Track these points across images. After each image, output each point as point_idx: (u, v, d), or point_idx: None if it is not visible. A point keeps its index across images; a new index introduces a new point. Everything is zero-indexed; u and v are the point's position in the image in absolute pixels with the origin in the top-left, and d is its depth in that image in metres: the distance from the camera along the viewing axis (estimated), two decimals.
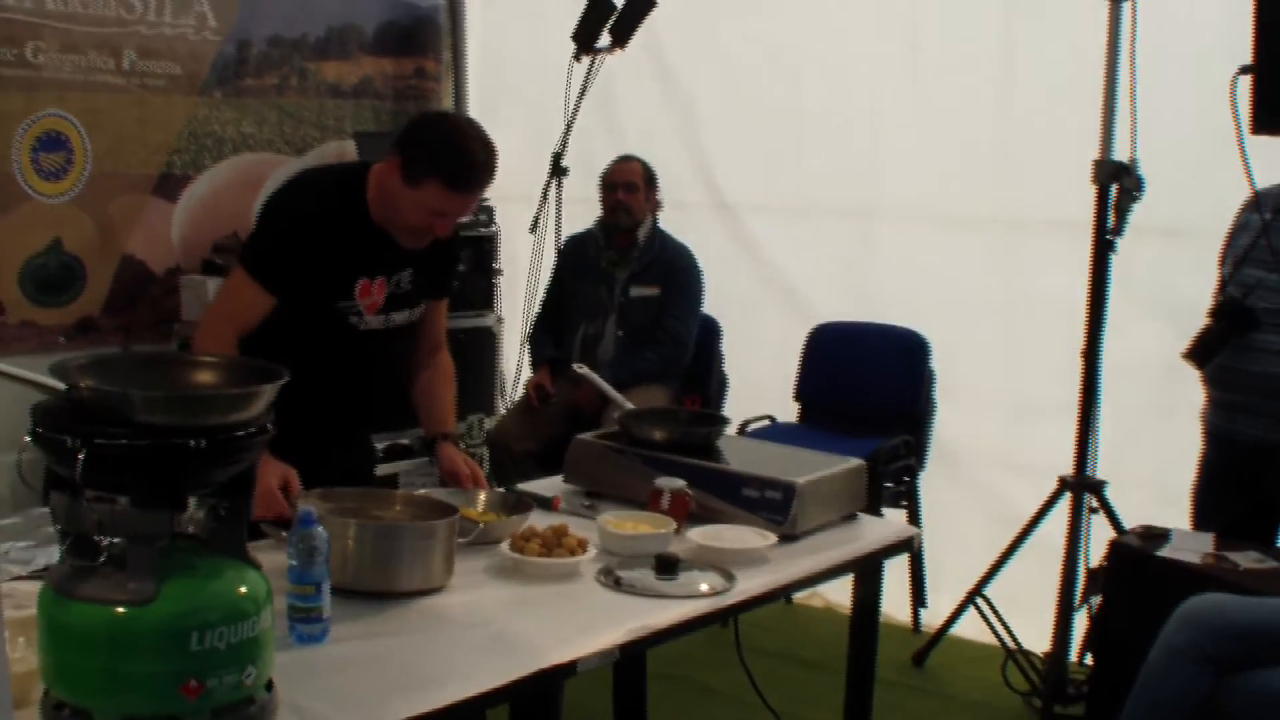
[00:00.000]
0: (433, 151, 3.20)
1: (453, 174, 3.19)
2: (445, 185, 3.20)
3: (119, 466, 1.92)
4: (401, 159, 3.22)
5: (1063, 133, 4.98)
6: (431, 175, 3.18)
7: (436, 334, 3.71)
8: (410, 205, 3.24)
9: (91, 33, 5.49)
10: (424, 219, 3.26)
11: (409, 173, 3.20)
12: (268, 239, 3.35)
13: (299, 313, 3.33)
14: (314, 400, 3.14)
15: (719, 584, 2.90)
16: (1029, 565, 4.84)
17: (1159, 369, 4.89)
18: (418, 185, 3.20)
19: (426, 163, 3.19)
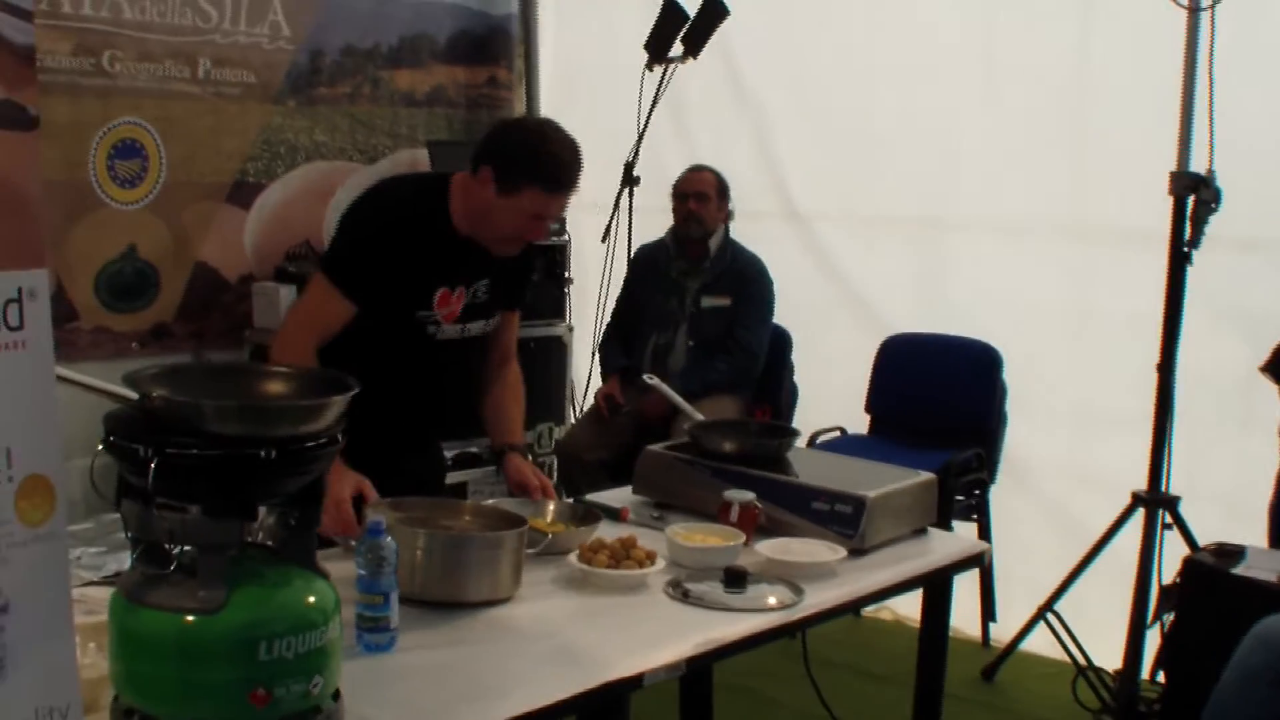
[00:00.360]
0: (525, 158, 3.24)
1: (549, 177, 3.24)
2: (543, 189, 3.24)
3: (190, 476, 1.93)
4: (494, 168, 3.24)
5: (1137, 144, 4.93)
6: (529, 181, 3.22)
7: (508, 345, 3.72)
8: (509, 213, 3.27)
9: (167, 42, 5.53)
10: (522, 225, 3.30)
11: (504, 181, 3.23)
12: (350, 247, 3.37)
13: (377, 321, 3.34)
14: (388, 408, 3.20)
15: (787, 597, 2.88)
16: (1100, 580, 4.81)
17: (1234, 382, 4.84)
18: (515, 193, 3.23)
19: (522, 169, 3.22)
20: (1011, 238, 5.52)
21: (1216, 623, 3.73)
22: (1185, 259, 4.46)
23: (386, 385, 3.17)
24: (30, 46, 1.68)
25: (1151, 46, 4.79)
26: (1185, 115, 4.44)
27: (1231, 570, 3.85)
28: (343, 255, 3.37)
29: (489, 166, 3.25)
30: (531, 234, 3.36)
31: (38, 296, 1.70)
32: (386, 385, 3.17)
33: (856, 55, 5.92)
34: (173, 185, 5.63)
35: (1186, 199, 4.42)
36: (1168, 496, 4.59)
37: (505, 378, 3.71)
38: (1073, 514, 5.27)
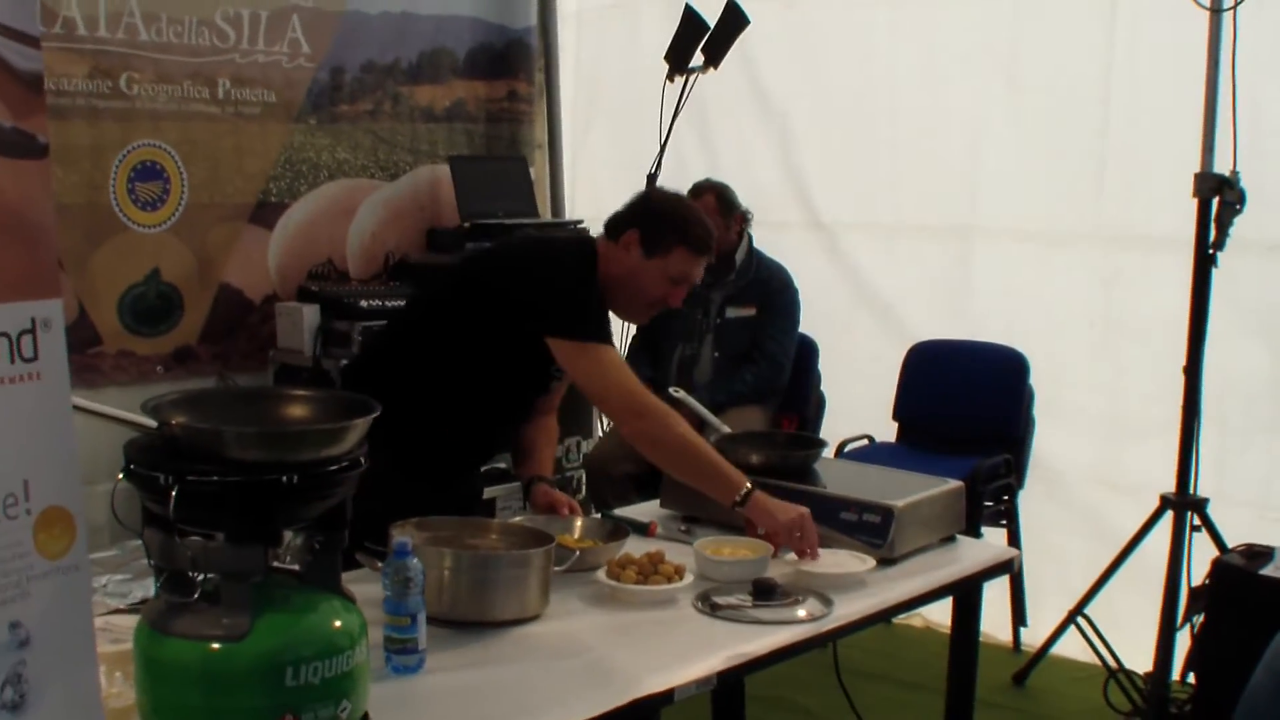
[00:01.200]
0: (674, 220, 3.39)
1: (696, 239, 3.39)
2: (691, 250, 3.39)
3: (212, 503, 1.93)
4: (640, 231, 3.36)
5: (1162, 147, 4.92)
6: (679, 243, 3.36)
7: (556, 399, 3.80)
8: (654, 275, 3.39)
9: (185, 62, 5.54)
10: (665, 288, 3.41)
11: (653, 244, 3.36)
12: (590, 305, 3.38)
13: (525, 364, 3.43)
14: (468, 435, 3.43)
15: (817, 609, 2.87)
16: (1130, 584, 4.79)
17: (1261, 385, 4.84)
18: (665, 254, 3.37)
19: (670, 233, 3.36)
20: (1036, 243, 5.50)
21: (1246, 623, 3.72)
22: (1210, 261, 4.44)
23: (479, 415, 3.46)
24: (38, 73, 1.68)
25: (1175, 49, 4.79)
26: (1208, 116, 4.43)
27: (1261, 571, 3.85)
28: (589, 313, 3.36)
29: (635, 230, 3.37)
30: (673, 298, 3.46)
31: (52, 327, 1.70)
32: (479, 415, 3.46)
33: (878, 62, 5.92)
34: (195, 207, 5.63)
35: (1211, 200, 4.40)
36: (1196, 499, 4.57)
37: (546, 423, 3.80)
38: (1101, 518, 5.25)
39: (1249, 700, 3.25)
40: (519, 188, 6.56)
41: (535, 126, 7.04)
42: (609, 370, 3.31)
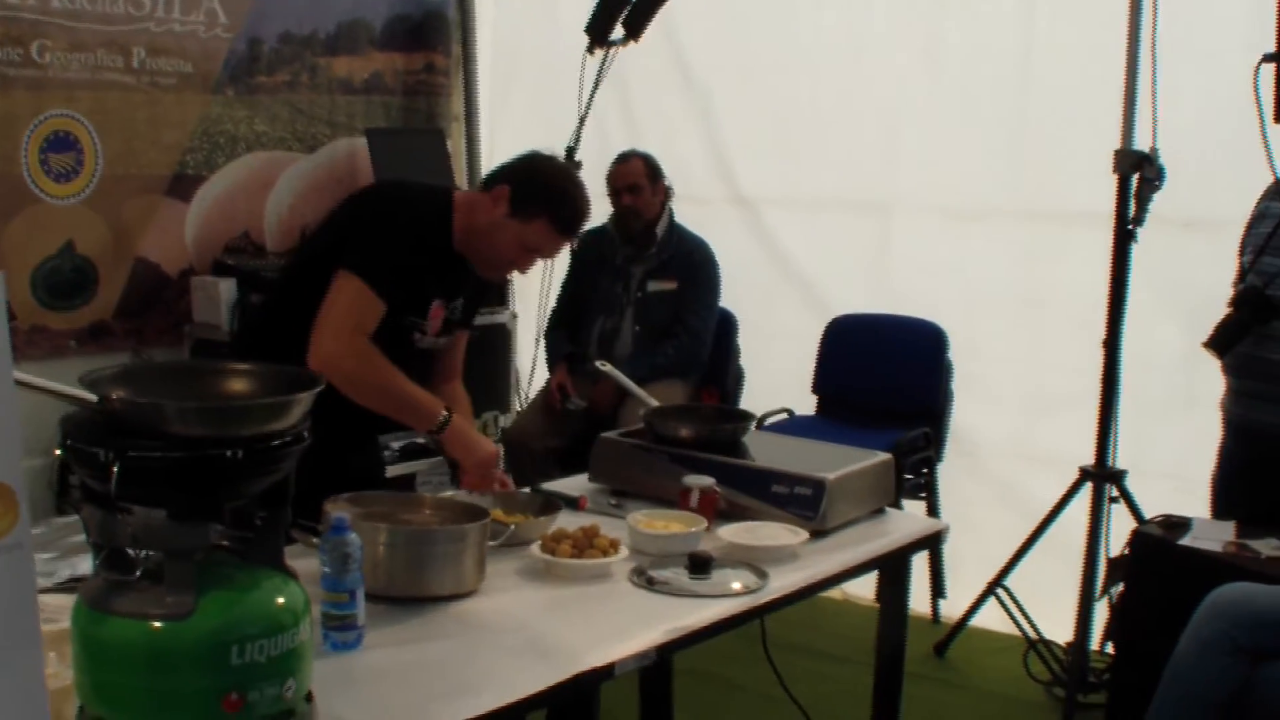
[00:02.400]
0: (547, 192, 3.37)
1: (561, 217, 3.38)
2: (552, 225, 3.37)
3: (154, 479, 1.89)
4: (512, 189, 3.34)
5: (1082, 124, 5.00)
6: (543, 213, 3.34)
7: (457, 363, 3.79)
8: (510, 237, 3.37)
9: (99, 31, 5.44)
10: (516, 253, 3.40)
11: (519, 206, 3.33)
12: (380, 249, 3.34)
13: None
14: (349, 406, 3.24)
15: (752, 582, 2.88)
16: (1049, 555, 4.86)
17: (1178, 359, 4.91)
18: (527, 220, 3.34)
19: (540, 201, 3.34)
20: (957, 219, 5.56)
21: (1164, 593, 3.78)
22: (1130, 237, 4.50)
23: None
24: None
25: (1094, 26, 4.85)
26: (1129, 94, 4.48)
27: (1179, 541, 3.90)
28: (375, 254, 3.33)
29: (507, 185, 3.35)
30: (521, 265, 3.46)
31: None
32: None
33: (801, 38, 5.93)
34: (110, 179, 5.54)
35: (1130, 177, 4.46)
36: (1114, 471, 4.64)
37: (455, 393, 3.76)
38: (1020, 490, 5.32)
39: (1175, 669, 3.32)
40: (436, 161, 6.52)
41: (452, 99, 6.99)
42: (344, 296, 3.27)
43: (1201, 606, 3.36)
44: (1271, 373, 4.13)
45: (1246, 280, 4.22)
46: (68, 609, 2.03)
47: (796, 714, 3.95)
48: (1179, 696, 3.32)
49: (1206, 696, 3.24)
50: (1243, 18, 4.51)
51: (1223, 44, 4.59)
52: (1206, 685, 3.25)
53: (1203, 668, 3.25)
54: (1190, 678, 3.28)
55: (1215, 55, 4.59)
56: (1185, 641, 3.33)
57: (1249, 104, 3.66)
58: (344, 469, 3.34)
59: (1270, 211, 4.21)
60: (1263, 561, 3.69)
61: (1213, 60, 4.60)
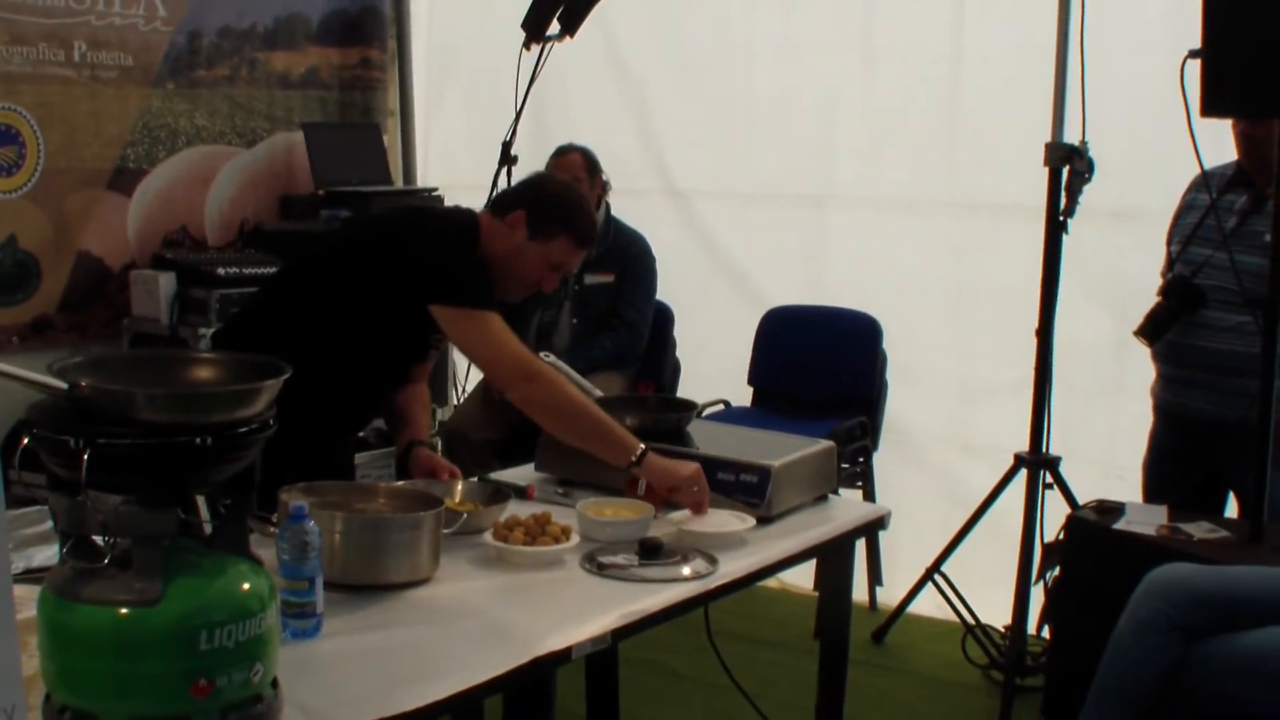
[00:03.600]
0: (562, 209, 3.45)
1: (580, 231, 3.46)
2: (574, 241, 3.45)
3: (123, 466, 1.92)
4: (528, 213, 3.42)
5: (1013, 118, 5.08)
6: (561, 231, 3.42)
7: (428, 367, 3.86)
8: (534, 259, 3.45)
9: (40, 24, 5.41)
10: (540, 272, 3.47)
11: (537, 228, 3.41)
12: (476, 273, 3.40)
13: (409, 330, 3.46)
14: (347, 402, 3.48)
15: (702, 567, 2.94)
16: (985, 541, 4.93)
17: (1108, 347, 5.01)
18: (548, 240, 3.42)
19: (556, 219, 3.42)
20: (890, 211, 5.63)
21: (1099, 576, 3.84)
22: (1061, 228, 4.57)
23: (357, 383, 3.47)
24: None
25: (1025, 21, 4.93)
26: (1059, 88, 4.56)
27: (1113, 526, 3.96)
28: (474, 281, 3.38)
29: (523, 211, 3.42)
30: (547, 283, 3.53)
31: None
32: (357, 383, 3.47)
33: (735, 32, 5.98)
34: (52, 173, 5.51)
35: (1061, 169, 4.53)
36: (1049, 457, 4.71)
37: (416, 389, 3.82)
38: (955, 478, 5.40)
39: (1114, 650, 3.39)
40: (372, 155, 6.54)
41: (388, 94, 6.99)
42: (495, 336, 3.32)
43: (1139, 587, 3.43)
44: (1200, 360, 4.23)
45: (1175, 269, 4.33)
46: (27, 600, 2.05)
47: (741, 701, 3.99)
48: (1119, 675, 3.39)
49: (1144, 675, 3.31)
50: (1168, 14, 4.61)
51: (1149, 40, 4.68)
52: (1145, 664, 3.32)
53: (1141, 647, 3.32)
54: (1129, 657, 3.35)
55: (1142, 50, 4.68)
56: (1123, 622, 3.40)
57: (1175, 98, 3.74)
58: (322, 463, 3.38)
59: (1197, 202, 4.32)
60: (1195, 544, 3.76)
61: (1139, 55, 4.69)
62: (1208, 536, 3.83)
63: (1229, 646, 3.27)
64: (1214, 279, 4.19)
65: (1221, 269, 4.13)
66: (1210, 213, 4.19)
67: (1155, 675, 3.29)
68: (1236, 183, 4.26)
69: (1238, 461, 4.05)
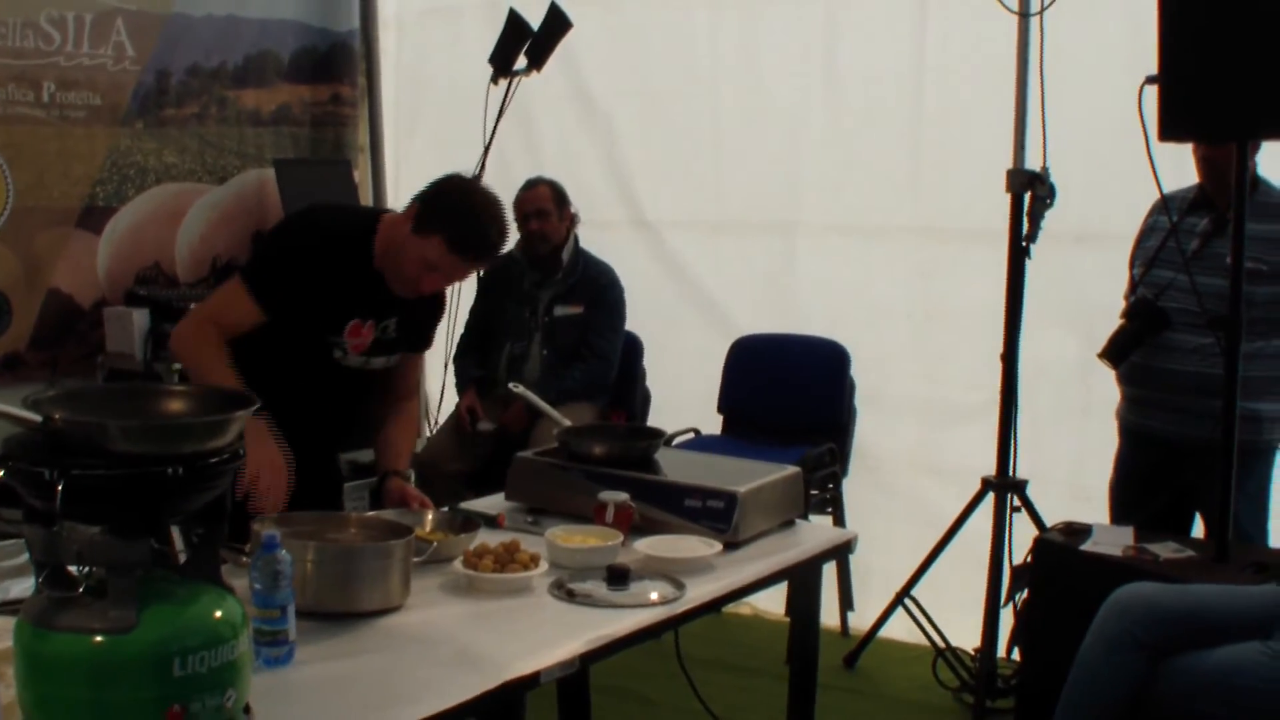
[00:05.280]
0: (448, 211, 3.39)
1: (457, 237, 3.37)
2: (447, 244, 3.37)
3: (97, 496, 1.94)
4: (419, 208, 3.41)
5: (975, 144, 5.14)
6: (439, 231, 3.36)
7: (410, 384, 3.89)
8: (411, 253, 3.41)
9: (9, 65, 5.46)
10: (417, 270, 3.42)
11: (420, 222, 3.38)
12: (273, 261, 3.48)
13: (288, 338, 3.48)
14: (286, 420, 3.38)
15: (670, 592, 2.97)
16: (954, 565, 4.97)
17: (1073, 370, 5.05)
18: (424, 236, 3.37)
19: (439, 218, 3.37)
20: (856, 238, 5.67)
21: (1067, 598, 3.86)
22: (1024, 252, 4.64)
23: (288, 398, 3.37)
24: None
25: (985, 50, 4.99)
26: (1020, 115, 4.64)
27: (1080, 547, 3.99)
28: (263, 264, 3.49)
29: (418, 203, 3.42)
30: (424, 283, 3.47)
31: None
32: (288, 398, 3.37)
33: (700, 63, 6.04)
34: (21, 211, 5.55)
35: (1023, 195, 4.59)
36: (1016, 480, 4.76)
37: (406, 411, 3.86)
38: (924, 502, 5.43)
39: (1081, 667, 3.42)
40: (343, 190, 6.57)
41: (359, 130, 7.06)
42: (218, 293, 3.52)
43: (1104, 606, 3.46)
44: (1165, 381, 4.28)
45: (1138, 292, 4.38)
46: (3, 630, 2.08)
47: None
48: (1084, 693, 3.42)
49: (1111, 692, 3.34)
50: (1124, 41, 4.67)
51: (1106, 65, 4.73)
52: (1111, 682, 3.36)
53: (1107, 665, 3.36)
54: (1095, 675, 3.39)
55: (1101, 75, 4.73)
56: (1089, 640, 3.44)
57: (1135, 122, 3.79)
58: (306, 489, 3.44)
59: (1159, 225, 4.37)
60: (1162, 564, 3.79)
61: (1097, 82, 4.74)
62: (1174, 556, 3.86)
63: (1195, 663, 3.30)
64: (1177, 301, 4.24)
65: (1184, 291, 4.18)
66: (1172, 235, 4.24)
67: (1122, 693, 3.33)
68: (1198, 205, 4.32)
69: (1203, 481, 4.09)
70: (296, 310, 3.44)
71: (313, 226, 3.57)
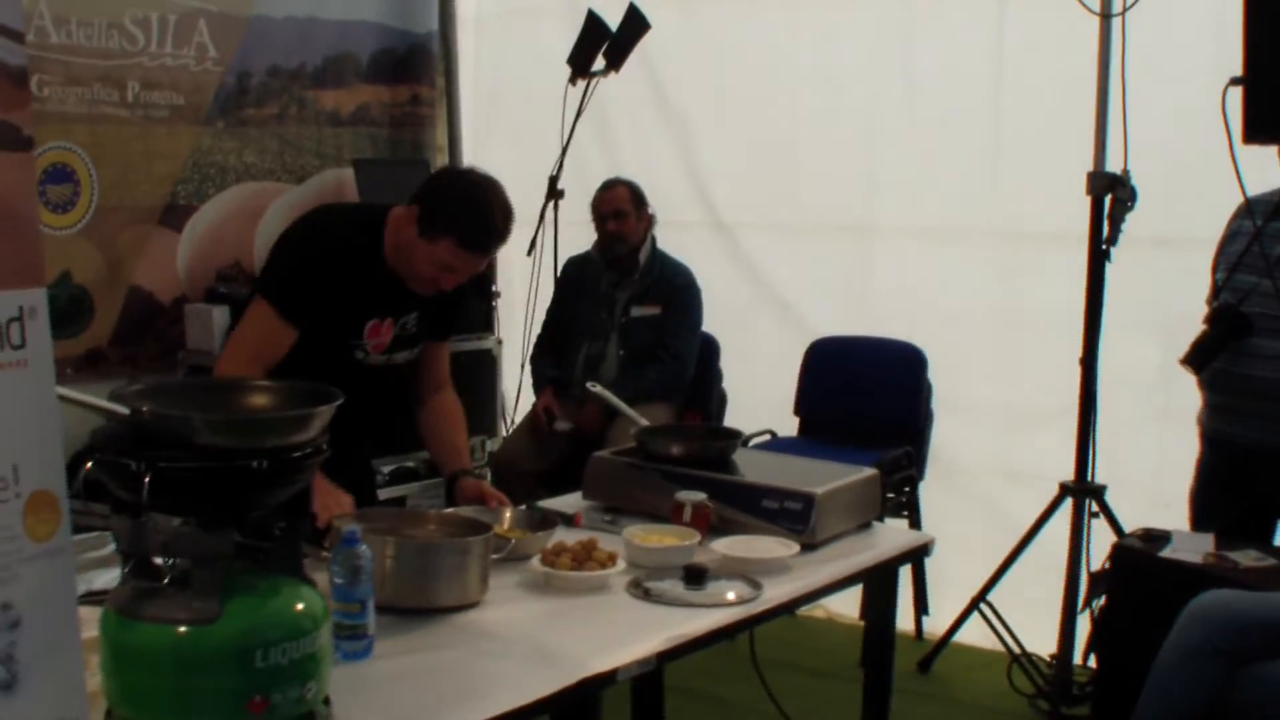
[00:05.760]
0: (451, 209, 3.34)
1: (467, 234, 3.34)
2: (458, 243, 3.34)
3: (183, 489, 1.97)
4: (420, 210, 3.35)
5: (1055, 146, 5.09)
6: (446, 232, 3.32)
7: (439, 374, 3.83)
8: (422, 256, 3.38)
9: (95, 65, 5.52)
10: (433, 272, 3.40)
11: (425, 225, 3.34)
12: (290, 272, 3.44)
13: (308, 345, 3.43)
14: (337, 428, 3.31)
15: (746, 592, 2.96)
16: (1030, 570, 4.93)
17: (1152, 375, 4.99)
18: (432, 239, 3.34)
19: (444, 219, 3.32)
20: (933, 240, 5.66)
21: (1146, 605, 3.84)
22: (1104, 256, 4.60)
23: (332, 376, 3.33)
24: (23, 68, 1.72)
25: (1064, 51, 4.95)
26: (1100, 117, 4.59)
27: (1159, 554, 3.96)
28: (281, 279, 3.44)
29: (417, 205, 3.37)
30: (443, 282, 3.44)
31: (37, 315, 1.73)
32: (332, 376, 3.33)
33: (776, 65, 6.03)
34: (105, 209, 5.61)
35: (1104, 198, 4.56)
36: (1094, 486, 4.72)
37: (444, 406, 3.82)
38: (1000, 507, 5.40)
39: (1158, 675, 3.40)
40: None
41: (437, 130, 7.08)
42: (248, 323, 3.44)
43: (1183, 613, 3.44)
44: (1247, 388, 4.23)
45: (1221, 297, 4.32)
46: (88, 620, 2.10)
47: None
48: (1161, 700, 3.40)
49: (1188, 700, 3.32)
50: (1209, 39, 4.61)
51: (1189, 66, 4.68)
52: (1189, 689, 3.33)
53: (1185, 672, 3.33)
54: (1172, 683, 3.36)
55: (1182, 77, 4.69)
56: (1167, 648, 3.41)
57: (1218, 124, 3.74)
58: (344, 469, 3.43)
59: (1242, 230, 4.31)
60: (1242, 571, 3.76)
61: (1179, 82, 4.70)
62: (1255, 564, 3.83)
63: (1274, 672, 3.27)
64: (1260, 307, 4.18)
65: (1268, 297, 4.13)
66: (1256, 240, 4.19)
67: (1199, 701, 3.30)
68: None
69: None
70: (316, 318, 3.41)
71: (322, 232, 3.53)
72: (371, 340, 3.55)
